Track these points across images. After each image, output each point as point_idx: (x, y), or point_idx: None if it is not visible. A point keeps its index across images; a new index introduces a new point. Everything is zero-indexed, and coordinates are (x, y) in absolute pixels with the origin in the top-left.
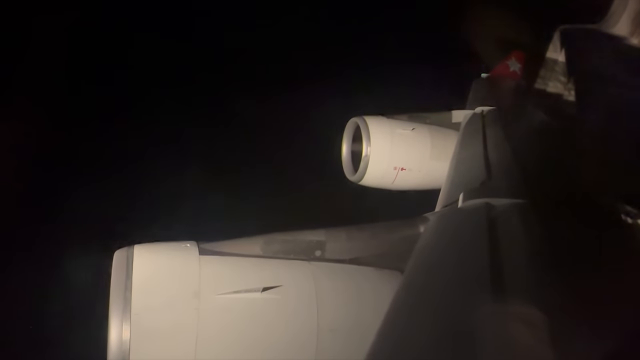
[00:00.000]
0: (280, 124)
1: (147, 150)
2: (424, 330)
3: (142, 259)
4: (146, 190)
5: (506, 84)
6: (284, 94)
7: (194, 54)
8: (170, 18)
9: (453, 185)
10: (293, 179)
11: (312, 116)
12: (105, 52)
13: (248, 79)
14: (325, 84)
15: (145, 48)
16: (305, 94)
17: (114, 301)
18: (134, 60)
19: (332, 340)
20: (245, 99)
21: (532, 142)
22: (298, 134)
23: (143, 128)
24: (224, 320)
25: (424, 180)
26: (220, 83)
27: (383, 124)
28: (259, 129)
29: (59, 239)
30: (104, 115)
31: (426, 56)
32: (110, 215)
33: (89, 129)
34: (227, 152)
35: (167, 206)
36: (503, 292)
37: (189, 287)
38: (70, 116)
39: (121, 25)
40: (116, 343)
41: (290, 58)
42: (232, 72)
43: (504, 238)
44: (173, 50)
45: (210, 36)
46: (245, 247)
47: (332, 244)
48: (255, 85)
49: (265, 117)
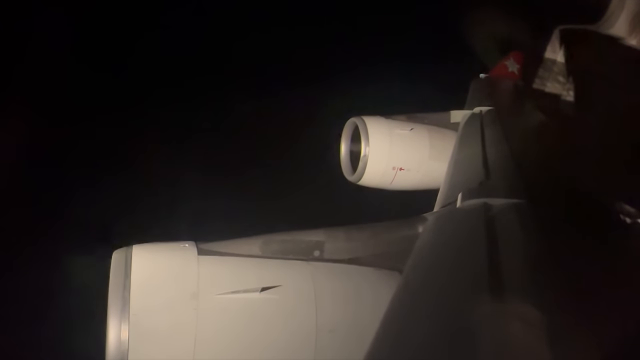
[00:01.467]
0: (278, 124)
1: (147, 150)
2: (422, 330)
3: (140, 259)
4: (145, 190)
5: (505, 84)
6: (283, 94)
7: (194, 54)
8: (170, 18)
9: (451, 185)
10: (291, 179)
11: (310, 116)
12: (106, 52)
13: (247, 79)
14: (323, 84)
15: (146, 48)
16: (303, 94)
17: (112, 301)
18: (135, 59)
19: (331, 341)
20: (245, 99)
21: (530, 142)
22: (297, 133)
23: (142, 128)
24: (223, 321)
25: (423, 180)
26: (220, 83)
27: (382, 124)
28: (258, 128)
29: (57, 239)
30: (104, 115)
31: (424, 56)
32: (108, 215)
33: (88, 129)
34: (226, 152)
35: (167, 206)
36: (501, 292)
37: (187, 287)
38: (70, 116)
39: (122, 26)
40: (115, 343)
41: (289, 58)
42: (232, 72)
43: (502, 238)
44: (173, 50)
45: (210, 37)
46: (244, 248)
47: (330, 244)
48: (254, 85)
49: (264, 118)
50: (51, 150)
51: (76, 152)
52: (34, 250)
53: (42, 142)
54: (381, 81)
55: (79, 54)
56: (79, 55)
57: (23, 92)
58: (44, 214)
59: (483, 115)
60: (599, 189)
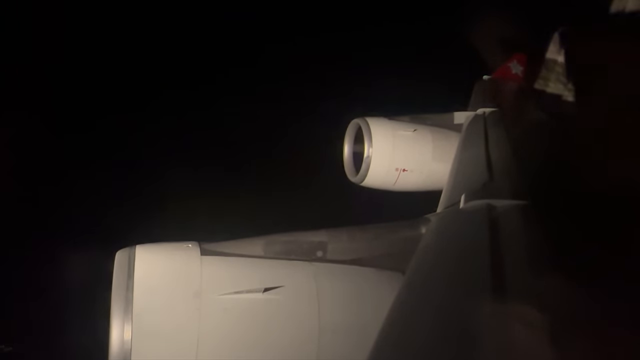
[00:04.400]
0: (281, 125)
1: (145, 151)
2: (425, 331)
3: (143, 260)
4: (146, 191)
5: (508, 86)
6: (286, 95)
7: (194, 54)
8: (170, 19)
9: (455, 187)
10: (294, 180)
11: (313, 117)
12: (107, 53)
13: (248, 80)
14: (327, 85)
15: (146, 49)
16: (306, 95)
17: (115, 301)
18: (135, 63)
19: (334, 341)
20: (246, 100)
21: (534, 143)
22: (299, 134)
23: (142, 128)
24: (226, 321)
25: (426, 181)
26: (220, 85)
27: (385, 125)
28: (260, 130)
29: (60, 239)
30: (104, 116)
31: (428, 57)
32: (111, 215)
33: (89, 129)
34: (228, 153)
35: (168, 206)
36: (504, 293)
37: (190, 287)
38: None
39: (122, 27)
40: (118, 343)
41: (291, 59)
42: (231, 73)
43: (506, 239)
44: (173, 50)
45: (209, 37)
46: (246, 248)
47: (333, 245)
48: (256, 85)
49: (266, 118)
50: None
51: (76, 152)
52: (36, 250)
53: (41, 143)
54: (384, 82)
55: (79, 54)
56: (79, 56)
57: (23, 91)
58: (44, 214)
59: (486, 116)
60: (601, 190)
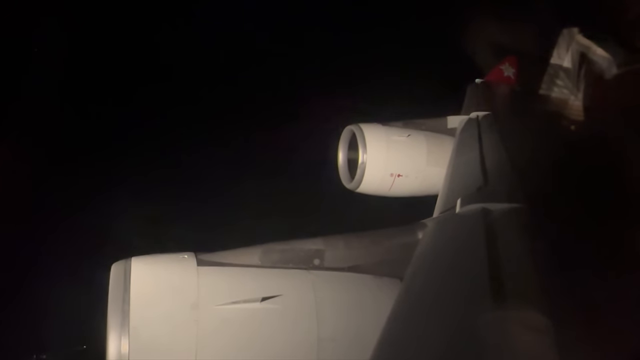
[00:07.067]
0: (276, 133)
1: (145, 154)
2: (424, 337)
3: (139, 272)
4: (145, 196)
5: (500, 89)
6: (280, 103)
7: (195, 57)
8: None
9: (450, 191)
10: (289, 188)
11: (308, 124)
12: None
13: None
14: (319, 92)
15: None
16: (300, 103)
17: (112, 314)
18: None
19: (333, 349)
20: (245, 105)
21: (528, 146)
22: (294, 142)
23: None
24: (224, 331)
25: (421, 186)
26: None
27: (378, 131)
28: (256, 135)
29: (56, 251)
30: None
31: (420, 62)
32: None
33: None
34: (223, 160)
35: (165, 217)
36: (503, 297)
37: (187, 298)
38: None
39: (124, 27)
40: (115, 357)
41: (285, 66)
42: (231, 76)
43: (502, 242)
44: (174, 54)
45: (209, 39)
46: (243, 257)
47: (330, 253)
48: (254, 91)
49: (262, 126)
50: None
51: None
52: (32, 263)
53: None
54: (376, 87)
55: (80, 57)
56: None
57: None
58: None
59: (480, 120)
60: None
